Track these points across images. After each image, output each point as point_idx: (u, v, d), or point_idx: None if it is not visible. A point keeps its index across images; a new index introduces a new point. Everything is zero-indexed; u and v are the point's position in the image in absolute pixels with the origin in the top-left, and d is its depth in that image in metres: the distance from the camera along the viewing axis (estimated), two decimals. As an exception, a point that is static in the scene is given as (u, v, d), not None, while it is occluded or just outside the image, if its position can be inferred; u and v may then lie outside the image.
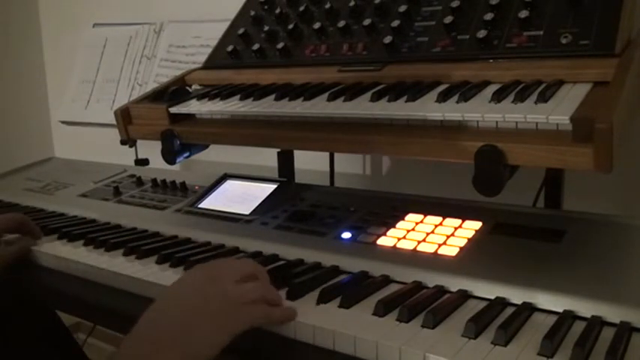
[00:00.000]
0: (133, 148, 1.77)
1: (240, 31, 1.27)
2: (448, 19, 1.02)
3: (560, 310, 0.71)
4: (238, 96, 1.12)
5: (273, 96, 1.08)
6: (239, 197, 1.18)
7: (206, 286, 0.69)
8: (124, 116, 1.20)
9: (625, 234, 0.86)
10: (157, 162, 1.32)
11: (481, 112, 0.83)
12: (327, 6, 1.19)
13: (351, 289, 0.78)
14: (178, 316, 0.66)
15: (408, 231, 0.94)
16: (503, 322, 0.67)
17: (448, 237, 0.90)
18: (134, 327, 0.65)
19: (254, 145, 1.07)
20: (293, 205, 1.11)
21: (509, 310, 0.72)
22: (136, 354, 0.64)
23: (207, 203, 1.19)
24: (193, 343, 0.64)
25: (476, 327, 0.67)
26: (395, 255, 0.88)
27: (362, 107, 0.94)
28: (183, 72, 1.34)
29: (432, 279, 0.81)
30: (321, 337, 0.70)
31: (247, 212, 1.11)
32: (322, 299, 0.77)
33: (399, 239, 0.92)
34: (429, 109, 0.88)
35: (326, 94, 1.01)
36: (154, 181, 1.39)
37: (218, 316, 0.67)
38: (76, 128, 1.97)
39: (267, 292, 0.74)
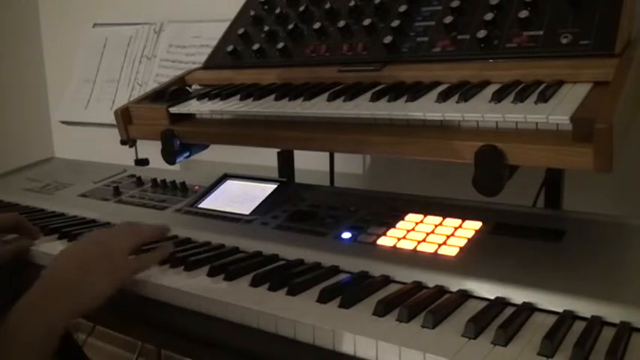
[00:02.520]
0: (133, 148, 1.77)
1: (240, 31, 1.27)
2: (448, 19, 1.02)
3: (560, 310, 0.71)
4: (238, 96, 1.12)
5: (273, 96, 1.08)
6: (239, 197, 1.18)
7: (92, 247, 0.85)
8: (124, 116, 1.20)
9: (625, 234, 0.86)
10: (157, 162, 1.32)
11: (481, 112, 0.83)
12: (327, 6, 1.19)
13: (351, 289, 0.78)
14: (70, 273, 0.80)
15: (408, 231, 0.94)
16: (503, 322, 0.67)
17: (448, 237, 0.90)
18: (34, 284, 0.78)
19: (254, 145, 1.07)
20: (293, 205, 1.11)
21: (509, 310, 0.72)
22: (35, 304, 0.76)
23: (207, 203, 1.20)
24: (82, 294, 0.79)
25: (476, 327, 0.67)
26: (395, 255, 0.88)
27: (362, 107, 0.94)
28: (183, 72, 1.34)
29: (432, 279, 0.81)
30: (321, 337, 0.70)
31: (247, 212, 1.11)
32: (322, 299, 0.77)
33: (399, 239, 0.92)
34: (428, 109, 0.88)
35: (326, 94, 1.01)
36: (154, 181, 1.39)
37: (102, 273, 0.81)
38: (76, 128, 1.97)
39: (143, 240, 0.92)
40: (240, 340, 0.75)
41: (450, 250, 0.86)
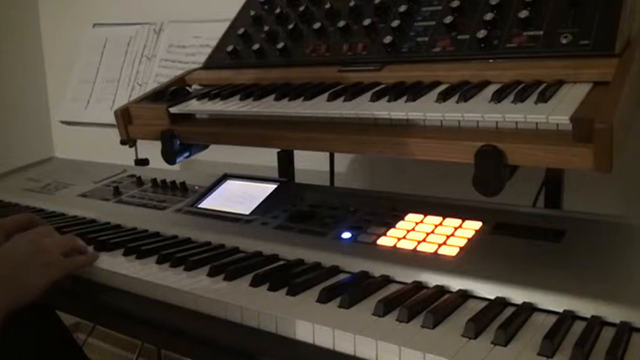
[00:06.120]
0: (133, 148, 1.77)
1: (240, 31, 1.27)
2: (448, 19, 1.02)
3: (560, 310, 0.71)
4: (238, 96, 1.12)
5: (273, 96, 1.08)
6: (239, 197, 1.18)
7: (28, 245, 0.91)
8: (124, 116, 1.20)
9: (625, 234, 0.86)
10: (157, 162, 1.31)
11: (481, 112, 0.83)
12: (327, 6, 1.19)
13: (351, 289, 0.78)
14: (6, 268, 0.87)
15: (408, 231, 0.94)
16: (503, 322, 0.67)
17: (448, 237, 0.90)
18: None
19: (254, 145, 1.07)
20: (293, 205, 1.11)
21: (509, 310, 0.72)
22: None
23: (207, 203, 1.19)
24: (21, 287, 0.85)
25: (476, 327, 0.67)
26: (395, 255, 0.88)
27: (362, 107, 0.94)
28: (183, 72, 1.34)
29: (432, 279, 0.81)
30: (321, 337, 0.70)
31: (247, 212, 1.11)
32: (322, 299, 0.77)
33: (399, 239, 0.92)
34: (428, 109, 0.88)
35: (326, 94, 1.01)
36: (154, 181, 1.39)
37: (37, 268, 0.88)
38: (76, 128, 1.97)
39: (76, 245, 0.97)
40: (240, 340, 0.75)
41: (450, 250, 0.86)
